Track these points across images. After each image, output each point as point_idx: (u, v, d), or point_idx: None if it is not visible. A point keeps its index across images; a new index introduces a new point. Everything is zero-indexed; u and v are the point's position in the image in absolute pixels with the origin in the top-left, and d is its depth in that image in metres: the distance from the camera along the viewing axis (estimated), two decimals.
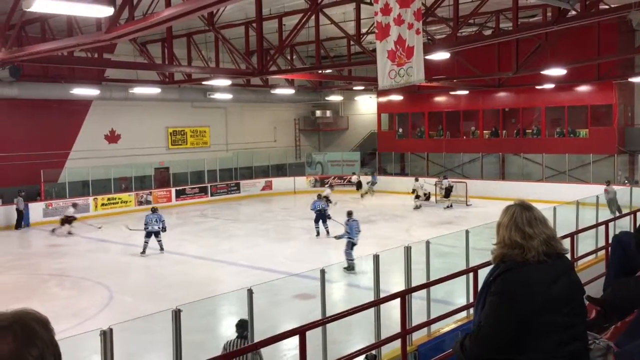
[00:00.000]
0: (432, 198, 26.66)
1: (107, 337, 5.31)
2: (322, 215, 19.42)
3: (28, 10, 8.88)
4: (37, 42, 15.61)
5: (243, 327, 7.50)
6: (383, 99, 33.24)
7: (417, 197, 25.27)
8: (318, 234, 19.42)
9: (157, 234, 17.49)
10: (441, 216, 23.31)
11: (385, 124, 34.53)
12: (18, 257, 19.03)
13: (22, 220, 22.81)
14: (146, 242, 17.30)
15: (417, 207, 24.33)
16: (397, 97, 31.95)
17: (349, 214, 15.67)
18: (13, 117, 24.40)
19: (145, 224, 17.61)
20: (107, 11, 9.19)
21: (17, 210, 22.76)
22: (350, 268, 14.53)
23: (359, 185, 30.59)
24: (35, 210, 23.81)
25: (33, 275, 15.85)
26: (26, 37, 16.62)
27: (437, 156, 31.58)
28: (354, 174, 32.04)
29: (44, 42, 15.59)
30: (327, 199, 21.11)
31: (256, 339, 6.68)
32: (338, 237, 15.51)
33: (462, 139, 31.08)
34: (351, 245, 14.97)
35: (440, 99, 31.38)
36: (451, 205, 25.21)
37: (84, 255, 18.17)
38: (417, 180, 27.13)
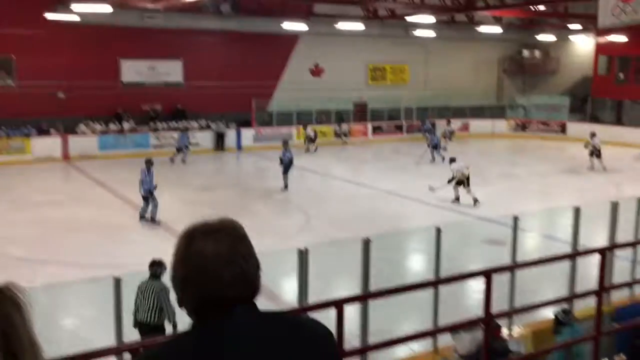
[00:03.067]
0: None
1: (303, 256, 5.75)
2: (291, 165, 17.50)
3: None
4: None
5: (158, 265, 6.93)
6: (602, 40, 29.95)
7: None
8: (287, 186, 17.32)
9: (185, 147, 22.05)
10: None
11: (603, 67, 31.20)
12: (230, 177, 21.20)
13: (223, 143, 25.36)
14: (178, 151, 21.98)
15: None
16: (619, 38, 28.56)
17: None
18: (231, 48, 26.62)
19: (179, 141, 22.22)
20: None
21: (218, 133, 25.35)
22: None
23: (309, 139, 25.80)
24: (246, 136, 26.06)
25: (242, 194, 17.51)
26: None
27: None
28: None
29: None
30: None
31: (442, 277, 6.73)
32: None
33: None
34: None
35: None
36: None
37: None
38: (593, 136, 21.40)
